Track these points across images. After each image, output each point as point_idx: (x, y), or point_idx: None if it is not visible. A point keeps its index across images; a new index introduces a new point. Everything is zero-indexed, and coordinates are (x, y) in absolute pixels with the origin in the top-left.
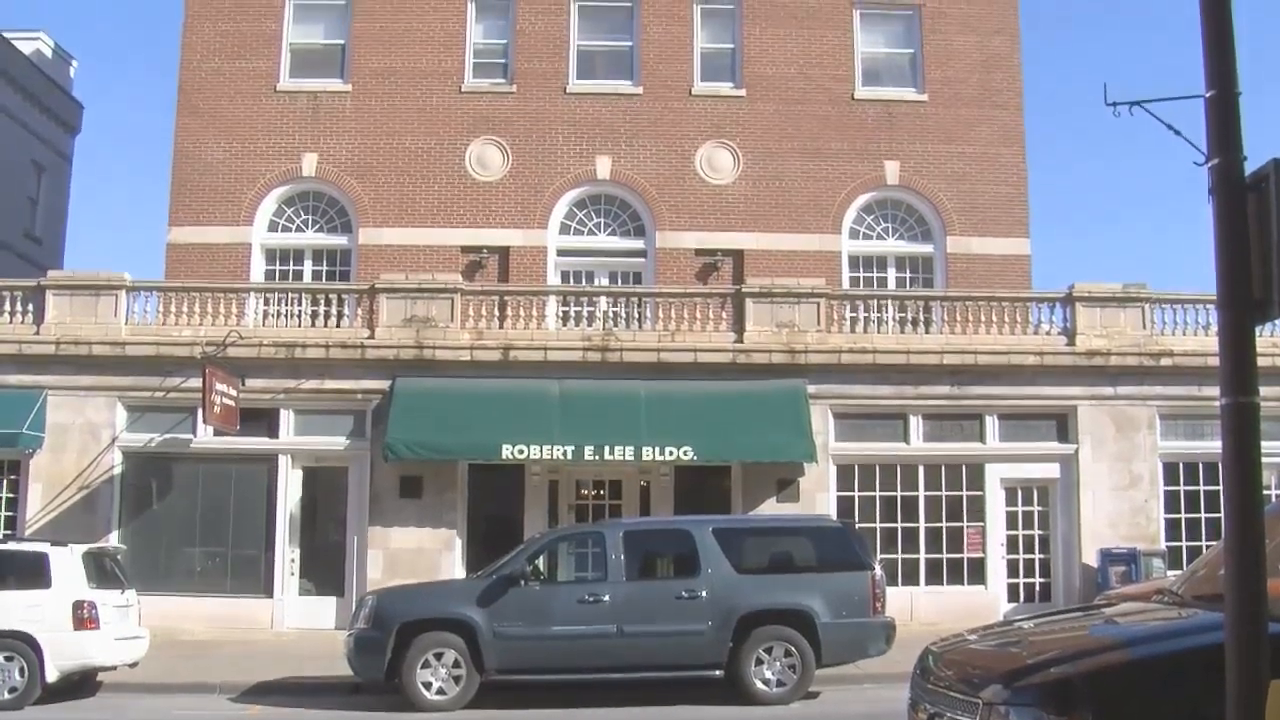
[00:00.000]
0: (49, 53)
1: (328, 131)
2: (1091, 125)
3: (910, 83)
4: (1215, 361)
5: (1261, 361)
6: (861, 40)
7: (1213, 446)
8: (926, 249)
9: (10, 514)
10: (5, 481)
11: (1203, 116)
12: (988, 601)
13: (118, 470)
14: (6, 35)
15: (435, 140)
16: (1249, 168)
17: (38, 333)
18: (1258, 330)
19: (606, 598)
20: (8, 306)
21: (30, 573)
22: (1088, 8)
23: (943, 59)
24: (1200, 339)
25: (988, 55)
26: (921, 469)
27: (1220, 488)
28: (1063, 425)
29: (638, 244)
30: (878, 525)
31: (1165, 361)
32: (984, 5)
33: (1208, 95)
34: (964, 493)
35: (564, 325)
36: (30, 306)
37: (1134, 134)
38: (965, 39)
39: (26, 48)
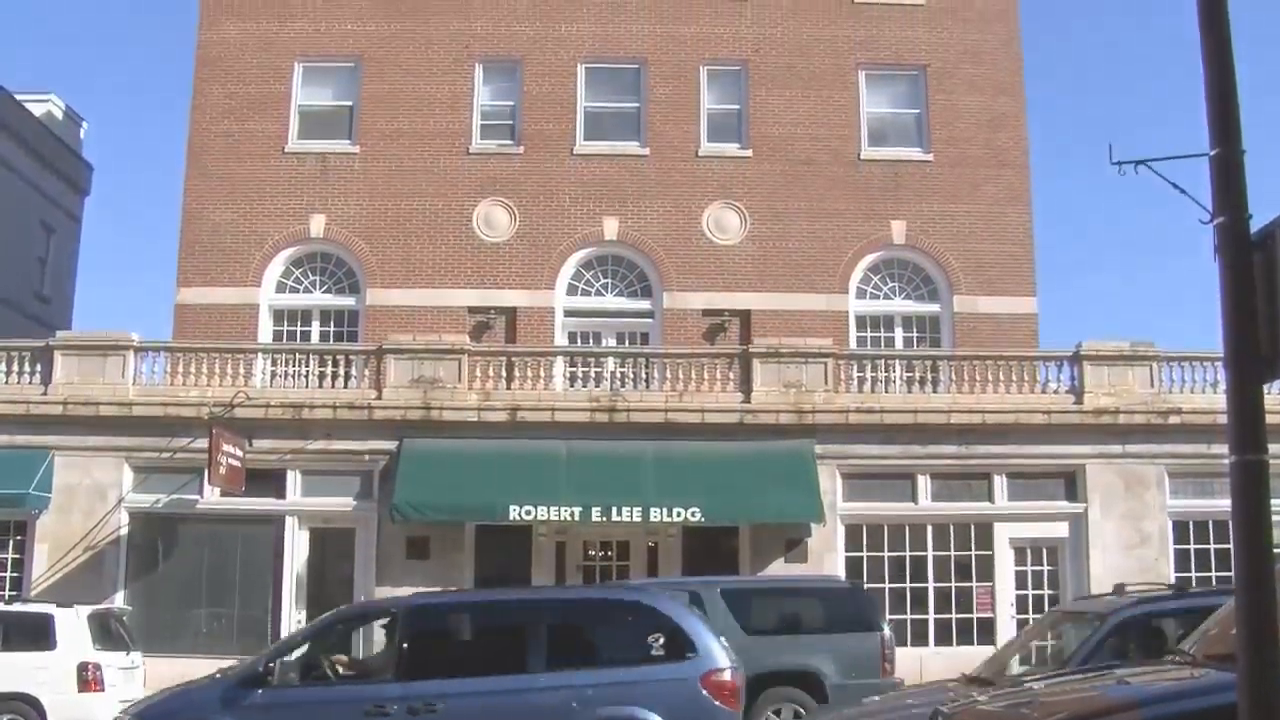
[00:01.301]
0: (60, 114)
1: (336, 193)
2: (1097, 183)
3: (916, 143)
4: (1224, 419)
5: (1270, 419)
6: (867, 101)
7: (1222, 504)
8: (933, 308)
9: (16, 575)
10: (11, 542)
11: (1207, 174)
12: None
13: (124, 531)
14: (18, 97)
15: (443, 201)
16: (1255, 224)
17: (45, 393)
18: (1266, 387)
19: None
20: (16, 367)
21: (35, 634)
22: (1093, 65)
23: (948, 119)
24: (1209, 396)
25: (993, 115)
26: (930, 529)
27: (1230, 546)
28: (1071, 484)
29: (645, 305)
30: (886, 586)
31: (1174, 419)
32: (988, 66)
33: (1212, 154)
34: (973, 552)
35: (571, 386)
36: (38, 367)
37: (1140, 191)
38: (970, 99)
39: (38, 109)
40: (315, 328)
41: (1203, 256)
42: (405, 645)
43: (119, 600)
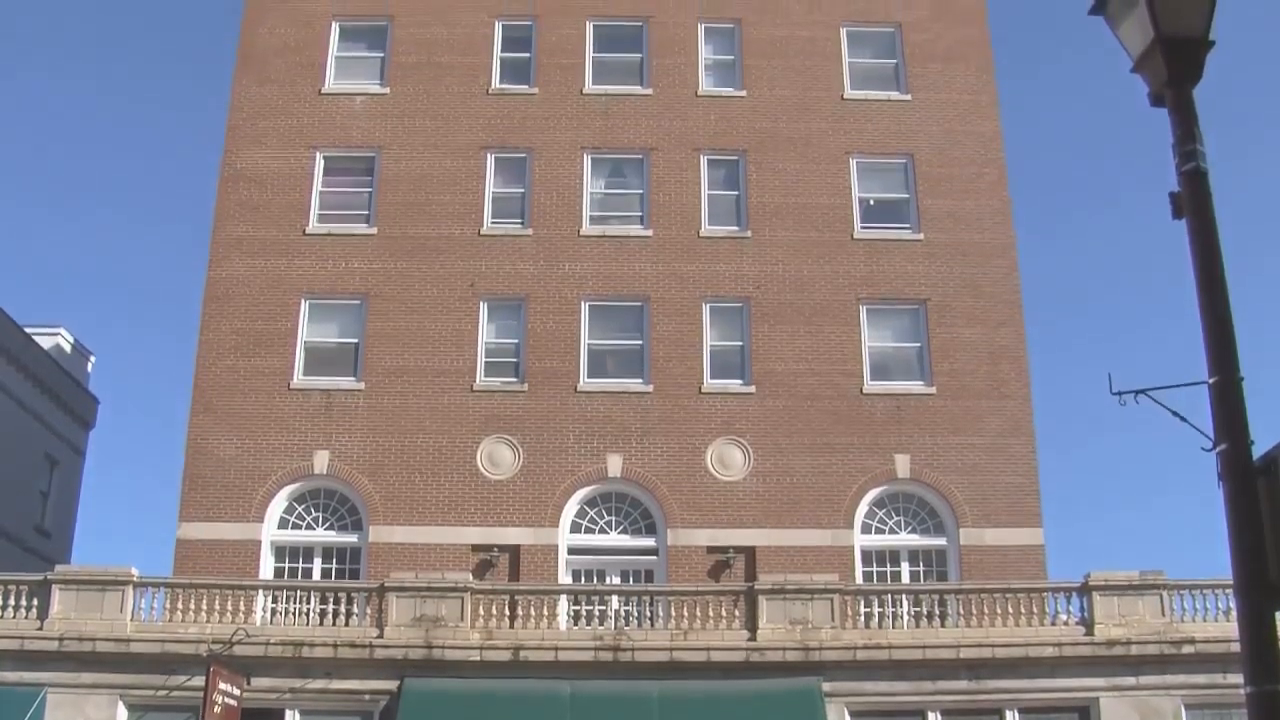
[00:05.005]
0: (68, 348)
1: (340, 429)
2: (1099, 411)
3: (918, 376)
4: (1239, 647)
5: None
6: (869, 335)
7: None
8: (939, 542)
9: None
10: None
11: (1207, 401)
12: None
13: None
14: (27, 330)
15: (447, 438)
16: (1258, 449)
17: (41, 628)
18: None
19: None
20: (13, 601)
21: None
22: (1091, 294)
23: (950, 352)
24: (1222, 625)
25: (994, 347)
26: None
27: None
28: (1085, 717)
29: (649, 542)
30: None
31: (1187, 649)
32: (988, 299)
33: (1210, 382)
34: None
35: (575, 625)
36: (35, 601)
37: (1142, 418)
38: (971, 332)
39: (46, 343)
40: (317, 564)
41: (1209, 481)
42: None
43: None
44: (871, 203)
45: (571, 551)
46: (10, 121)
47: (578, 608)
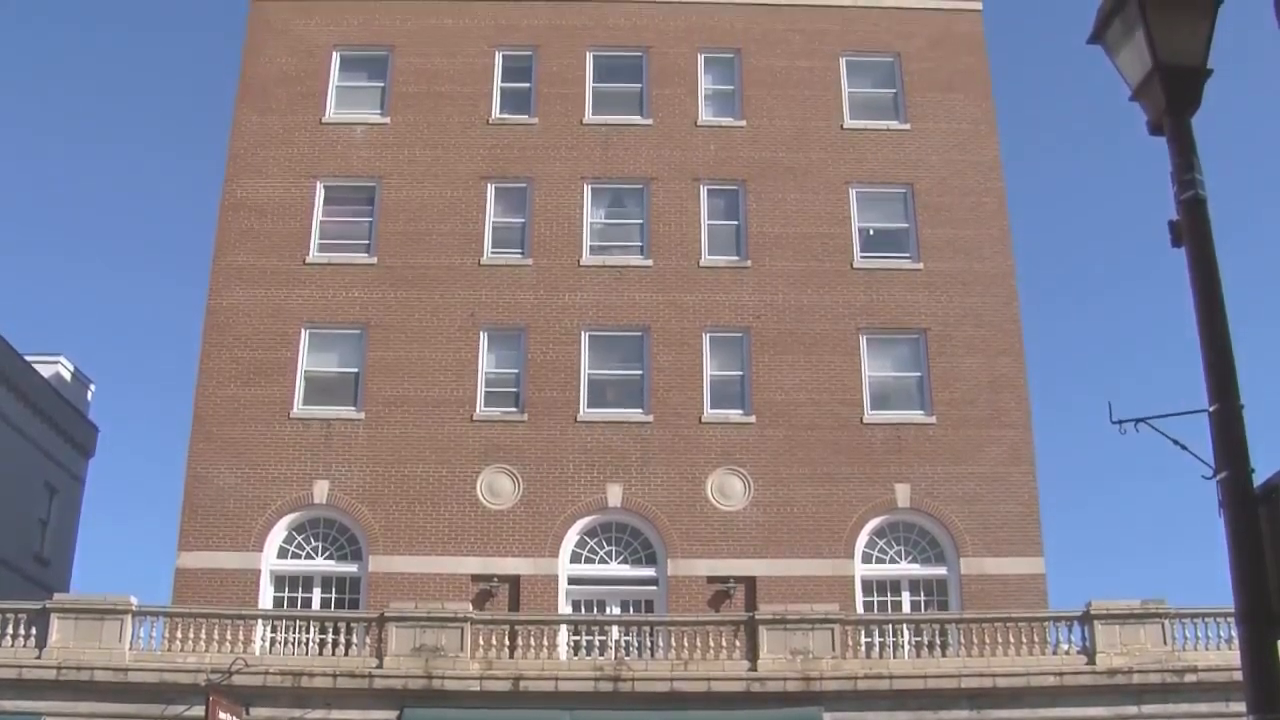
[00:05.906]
0: (68, 376)
1: (340, 458)
2: (1100, 440)
3: (918, 405)
4: (1241, 676)
5: None
6: (869, 365)
7: None
8: (940, 571)
9: None
10: None
11: (1208, 429)
12: None
13: None
14: (28, 358)
15: (447, 468)
16: (1259, 477)
17: (39, 657)
18: None
19: None
20: (11, 630)
21: None
22: (1091, 322)
23: (950, 381)
24: (1224, 653)
25: (994, 376)
26: None
27: None
28: None
29: (649, 572)
30: None
31: (1190, 678)
32: (988, 328)
33: (1211, 409)
34: None
35: (575, 655)
36: (34, 630)
37: (1143, 447)
38: (971, 361)
39: (47, 371)
40: (316, 594)
41: (1209, 509)
42: None
43: None
44: (871, 232)
45: (571, 581)
46: (11, 148)
47: (578, 638)
